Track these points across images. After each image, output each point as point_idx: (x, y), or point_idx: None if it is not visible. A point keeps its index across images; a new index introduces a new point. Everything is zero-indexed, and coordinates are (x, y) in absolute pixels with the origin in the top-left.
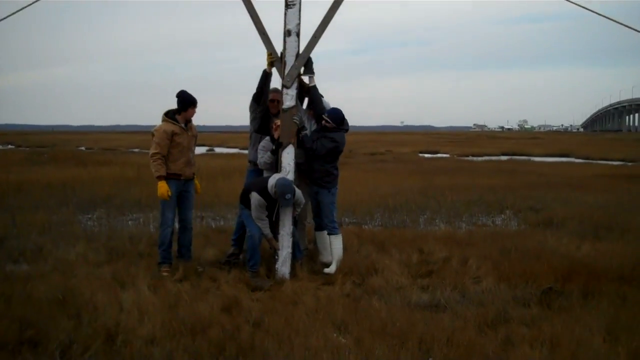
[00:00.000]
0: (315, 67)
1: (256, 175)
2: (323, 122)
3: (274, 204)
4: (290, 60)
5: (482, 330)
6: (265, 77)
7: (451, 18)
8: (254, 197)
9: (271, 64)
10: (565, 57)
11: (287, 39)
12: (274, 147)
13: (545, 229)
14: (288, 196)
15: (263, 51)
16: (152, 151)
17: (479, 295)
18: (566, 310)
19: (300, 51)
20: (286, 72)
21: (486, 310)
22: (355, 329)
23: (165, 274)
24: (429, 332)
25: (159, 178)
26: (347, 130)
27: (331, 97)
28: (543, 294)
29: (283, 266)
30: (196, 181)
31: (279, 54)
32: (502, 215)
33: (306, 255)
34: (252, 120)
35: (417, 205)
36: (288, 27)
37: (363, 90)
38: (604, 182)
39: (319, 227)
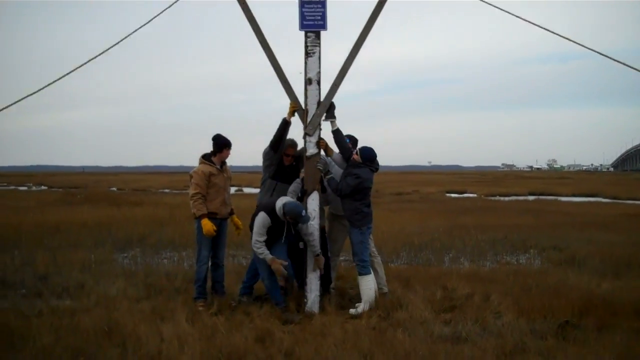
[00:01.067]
0: (341, 108)
1: None
2: (353, 156)
3: (281, 226)
4: (312, 108)
5: None
6: (285, 125)
7: (478, 57)
8: (260, 216)
9: (292, 112)
10: (595, 95)
11: (308, 87)
12: (300, 194)
13: (567, 267)
14: (303, 212)
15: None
16: (192, 192)
17: (498, 329)
18: (581, 342)
19: (322, 99)
20: (308, 120)
21: (504, 341)
22: (380, 358)
23: (201, 308)
24: None
25: (202, 217)
26: (376, 169)
27: (359, 138)
28: (560, 327)
29: (312, 307)
30: (236, 219)
31: (301, 102)
32: (526, 254)
33: (334, 289)
34: (268, 166)
35: (442, 244)
36: (309, 75)
37: (389, 130)
38: (629, 221)
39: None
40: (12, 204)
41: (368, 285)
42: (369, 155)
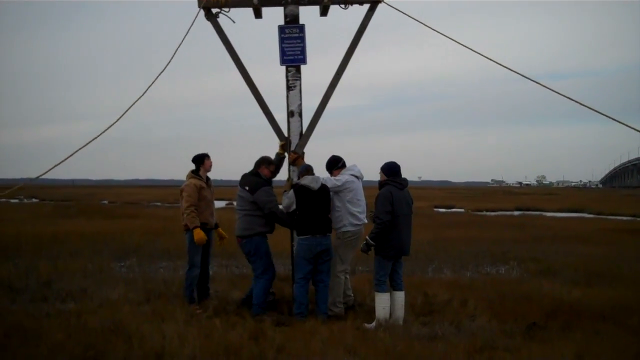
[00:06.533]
0: (332, 123)
1: None
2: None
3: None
4: (294, 139)
5: (470, 355)
6: (280, 160)
7: (469, 73)
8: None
9: (282, 147)
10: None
11: (291, 119)
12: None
13: (542, 277)
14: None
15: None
16: (185, 204)
17: (472, 329)
18: (546, 341)
19: (304, 130)
20: (291, 150)
21: (476, 339)
22: (362, 352)
23: (198, 311)
24: (424, 355)
25: (195, 227)
26: (399, 183)
27: (351, 153)
28: (527, 328)
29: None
30: (220, 230)
31: (286, 135)
32: (506, 265)
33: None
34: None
35: (427, 255)
36: (291, 108)
37: (380, 145)
38: (609, 235)
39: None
40: (7, 216)
41: (381, 304)
42: (390, 169)
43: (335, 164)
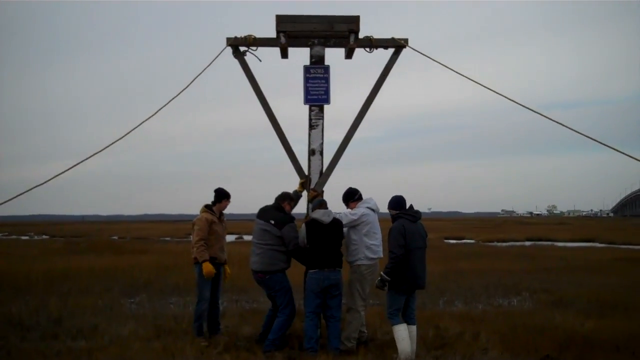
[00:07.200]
0: (345, 155)
1: None
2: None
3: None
4: (314, 177)
5: None
6: (298, 197)
7: (479, 104)
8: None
9: (302, 185)
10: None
11: (312, 157)
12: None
13: (554, 308)
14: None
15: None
16: (195, 238)
17: None
18: None
19: (324, 169)
20: (311, 187)
21: None
22: None
23: (203, 344)
24: None
25: (204, 261)
26: (412, 215)
27: (358, 185)
28: None
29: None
30: (226, 267)
31: (306, 174)
32: (518, 297)
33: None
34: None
35: (438, 288)
36: (312, 146)
37: (391, 176)
38: (621, 265)
39: None
40: (18, 253)
41: (400, 336)
42: (394, 202)
43: (352, 196)
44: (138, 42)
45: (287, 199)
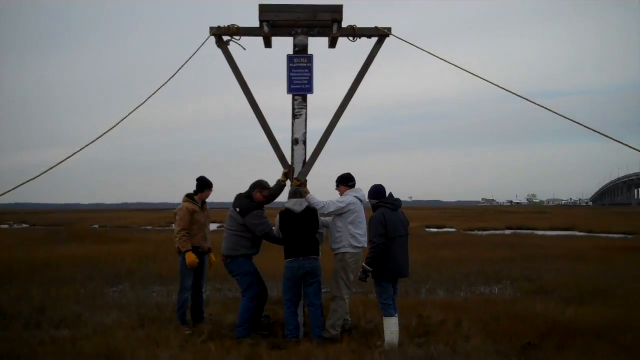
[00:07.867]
0: (328, 144)
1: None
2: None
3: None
4: (298, 166)
5: None
6: (281, 188)
7: (460, 93)
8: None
9: (285, 175)
10: (573, 131)
11: (295, 147)
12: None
13: (536, 296)
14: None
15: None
16: (178, 228)
17: (467, 350)
18: None
19: (307, 158)
20: (294, 177)
21: None
22: None
23: (187, 332)
24: None
25: (187, 251)
26: (392, 204)
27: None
28: (522, 348)
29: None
30: (212, 255)
31: (290, 163)
32: (499, 285)
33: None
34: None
35: (420, 277)
36: (296, 136)
37: (372, 166)
38: (601, 254)
39: None
40: None
41: (390, 328)
42: (374, 191)
43: (345, 181)
44: (113, 34)
45: (258, 188)
